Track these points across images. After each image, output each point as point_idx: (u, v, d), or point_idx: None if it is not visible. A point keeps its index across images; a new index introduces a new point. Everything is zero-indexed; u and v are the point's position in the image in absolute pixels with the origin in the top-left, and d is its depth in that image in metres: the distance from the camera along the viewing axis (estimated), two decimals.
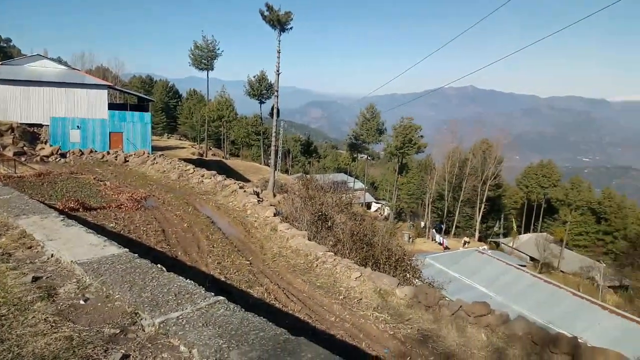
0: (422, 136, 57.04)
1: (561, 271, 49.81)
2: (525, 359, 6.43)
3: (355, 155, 70.19)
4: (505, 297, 22.22)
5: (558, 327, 18.40)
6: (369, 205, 67.87)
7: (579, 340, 6.79)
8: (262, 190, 28.16)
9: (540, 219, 67.87)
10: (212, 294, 3.17)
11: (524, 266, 34.64)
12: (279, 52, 30.53)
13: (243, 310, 2.87)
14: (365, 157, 79.68)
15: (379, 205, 68.73)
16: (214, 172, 23.65)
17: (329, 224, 16.43)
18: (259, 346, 2.32)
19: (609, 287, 44.36)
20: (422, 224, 59.54)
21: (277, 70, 31.05)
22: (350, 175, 69.81)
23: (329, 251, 11.41)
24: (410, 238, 47.77)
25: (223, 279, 8.60)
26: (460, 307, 8.00)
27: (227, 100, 71.77)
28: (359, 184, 68.96)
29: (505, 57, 18.61)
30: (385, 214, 61.78)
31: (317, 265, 10.41)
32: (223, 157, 65.37)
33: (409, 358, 6.23)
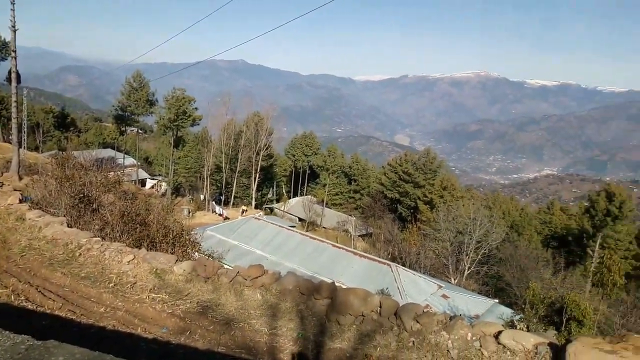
0: (196, 108, 55.77)
1: (323, 227, 57.53)
2: (295, 309, 7.24)
3: (124, 129, 63.66)
4: (278, 257, 24.42)
5: (322, 275, 21.31)
6: (143, 182, 63.70)
7: (337, 284, 8.00)
8: (2, 173, 22.95)
9: (306, 183, 76.41)
10: None
11: (294, 226, 38.71)
12: (13, 3, 24.64)
13: None
14: (136, 130, 73.57)
15: (155, 182, 65.17)
16: None
17: (94, 206, 14.65)
18: None
19: (359, 236, 53.66)
20: (202, 197, 59.26)
21: (13, 26, 25.09)
22: (119, 151, 63.44)
23: (94, 237, 10.23)
24: (189, 212, 47.04)
25: None
26: (238, 272, 8.41)
27: None
28: (130, 160, 63.75)
29: (266, 33, 19.69)
30: (163, 190, 58.94)
31: (80, 254, 9.22)
32: None
33: (188, 332, 6.24)
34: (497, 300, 24.03)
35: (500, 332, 5.99)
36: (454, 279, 31.70)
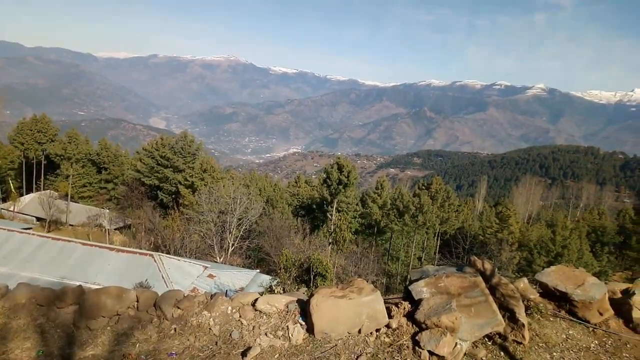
0: None
1: (70, 225, 50.36)
2: (32, 324, 6.24)
3: None
4: (11, 267, 20.30)
5: (72, 280, 18.84)
6: None
7: (92, 286, 7.23)
8: None
9: (43, 176, 64.59)
10: None
11: (30, 228, 32.50)
12: None
13: None
14: None
15: None
16: None
17: None
18: None
19: (115, 229, 49.10)
20: None
21: None
22: None
23: None
24: None
25: None
26: None
27: None
28: None
29: None
30: None
31: None
32: None
33: None
34: (258, 270, 26.12)
35: (256, 300, 6.60)
36: (220, 258, 32.74)
